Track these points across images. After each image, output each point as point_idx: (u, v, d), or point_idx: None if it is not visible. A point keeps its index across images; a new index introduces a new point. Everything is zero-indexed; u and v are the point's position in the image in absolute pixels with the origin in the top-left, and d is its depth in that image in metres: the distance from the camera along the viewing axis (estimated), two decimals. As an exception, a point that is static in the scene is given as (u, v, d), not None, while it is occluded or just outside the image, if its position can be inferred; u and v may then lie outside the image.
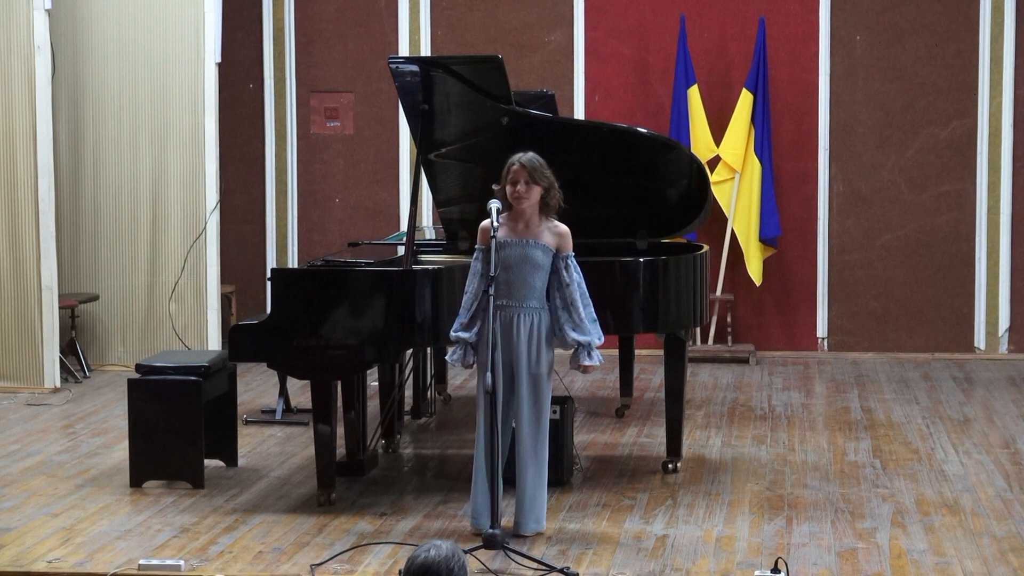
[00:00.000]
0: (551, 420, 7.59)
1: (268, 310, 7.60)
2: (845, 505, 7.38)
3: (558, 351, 6.99)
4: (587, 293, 6.82)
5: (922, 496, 7.55)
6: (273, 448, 8.66)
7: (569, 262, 6.79)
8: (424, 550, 4.20)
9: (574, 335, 6.79)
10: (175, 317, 10.91)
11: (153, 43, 10.92)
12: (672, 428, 8.04)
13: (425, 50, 12.01)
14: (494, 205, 6.85)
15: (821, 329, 11.92)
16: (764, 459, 8.38)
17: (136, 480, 7.71)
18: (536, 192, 6.77)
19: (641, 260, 7.65)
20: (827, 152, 11.83)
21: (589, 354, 6.82)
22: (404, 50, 12.02)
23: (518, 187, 6.75)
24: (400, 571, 6.25)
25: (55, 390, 10.27)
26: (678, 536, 6.86)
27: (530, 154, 6.83)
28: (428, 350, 9.36)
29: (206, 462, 7.81)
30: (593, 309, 6.83)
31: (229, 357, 7.63)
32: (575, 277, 6.79)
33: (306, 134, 12.28)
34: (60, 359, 10.42)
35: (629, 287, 7.62)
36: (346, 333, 7.20)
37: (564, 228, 6.82)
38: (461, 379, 10.81)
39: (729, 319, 11.75)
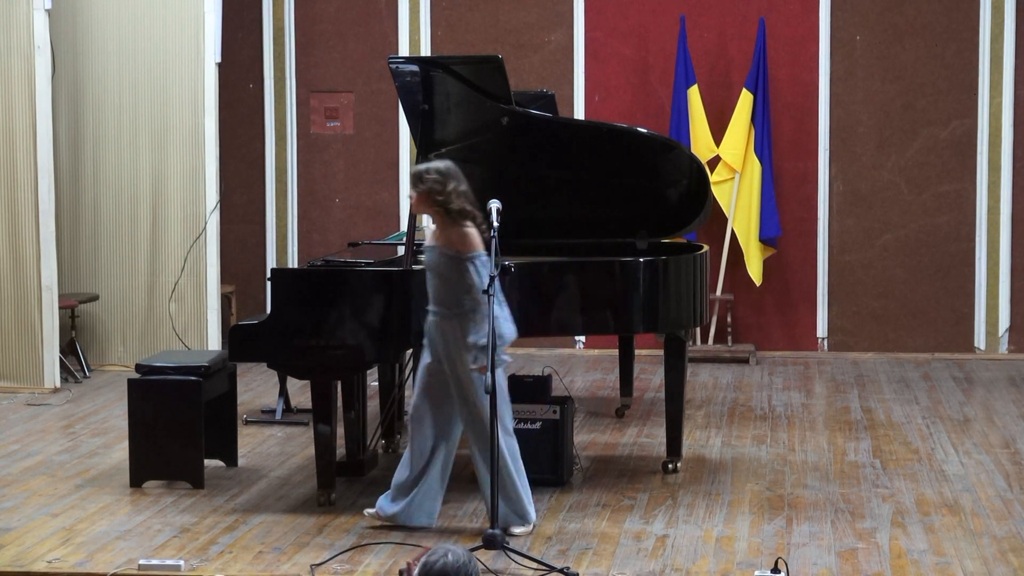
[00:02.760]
0: (551, 420, 7.65)
1: (268, 310, 7.61)
2: (845, 505, 7.38)
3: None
4: (499, 290, 6.73)
5: (922, 496, 7.55)
6: (273, 448, 8.66)
7: (474, 263, 6.71)
8: (440, 555, 4.15)
9: (470, 338, 6.74)
10: (175, 317, 10.91)
11: (153, 43, 10.91)
12: (672, 428, 8.03)
13: (425, 50, 12.01)
14: (494, 205, 6.86)
15: (821, 329, 11.92)
16: (764, 459, 8.38)
17: (136, 480, 7.71)
18: (420, 199, 6.78)
19: (641, 260, 7.65)
20: (827, 152, 11.83)
21: (476, 358, 6.72)
22: (404, 50, 12.01)
23: (410, 194, 6.86)
24: (400, 571, 6.25)
25: (55, 390, 10.27)
26: (678, 536, 6.86)
27: (429, 164, 6.84)
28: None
29: (206, 462, 7.81)
30: (507, 307, 6.76)
31: (229, 357, 7.63)
32: (477, 277, 6.70)
33: (306, 134, 12.28)
34: (60, 359, 10.42)
35: (629, 287, 7.62)
36: (346, 333, 7.20)
37: (466, 230, 6.72)
38: (461, 379, 10.80)
39: (729, 319, 11.75)
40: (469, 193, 6.80)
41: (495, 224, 6.80)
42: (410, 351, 8.78)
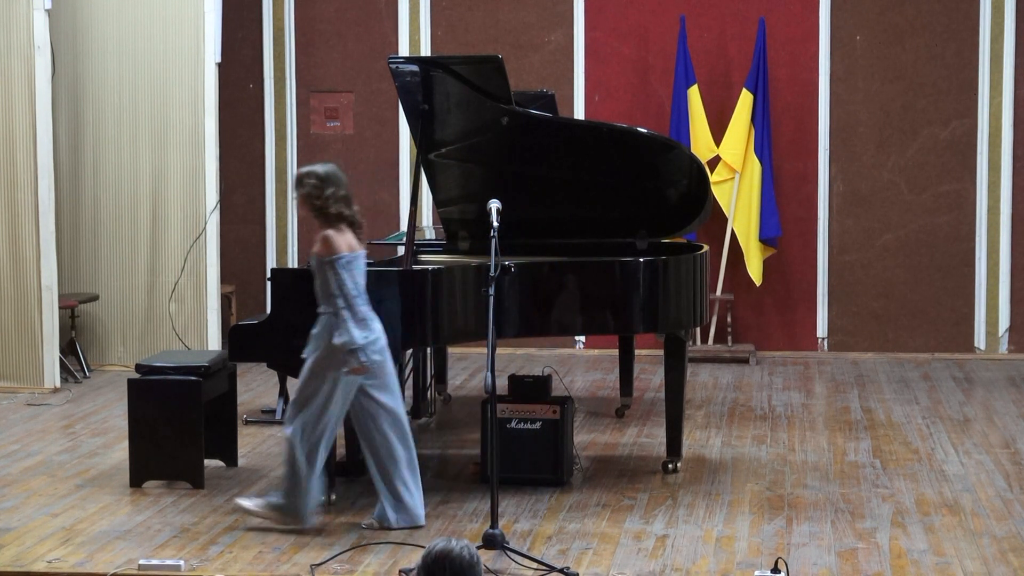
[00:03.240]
0: (551, 420, 7.65)
1: (268, 310, 7.61)
2: (845, 505, 7.38)
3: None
4: (359, 294, 6.75)
5: (922, 496, 7.55)
6: (273, 448, 8.65)
7: (333, 267, 6.74)
8: (443, 541, 4.16)
9: (335, 339, 6.75)
10: (175, 317, 10.91)
11: (153, 43, 10.91)
12: (672, 428, 8.03)
13: (425, 50, 12.01)
14: (494, 205, 6.87)
15: (821, 329, 11.92)
16: (764, 459, 8.38)
17: (136, 480, 7.71)
18: (299, 202, 6.89)
19: (641, 260, 7.65)
20: (827, 152, 11.83)
21: (346, 361, 6.75)
22: (404, 50, 12.02)
23: (293, 195, 6.93)
24: (401, 571, 6.25)
25: (55, 390, 10.27)
26: (678, 536, 6.86)
27: (312, 167, 6.92)
28: (428, 350, 9.36)
29: (206, 462, 7.81)
30: (367, 309, 6.77)
31: (229, 357, 7.63)
32: (335, 280, 6.72)
33: (306, 134, 12.28)
34: (60, 359, 10.42)
35: (629, 287, 7.62)
36: (346, 333, 7.18)
37: (325, 234, 6.77)
38: (461, 379, 10.81)
39: (729, 319, 11.75)
40: (349, 197, 6.86)
41: (495, 224, 6.80)
42: (410, 351, 8.80)
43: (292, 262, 12.23)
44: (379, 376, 6.87)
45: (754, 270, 11.62)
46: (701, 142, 11.51)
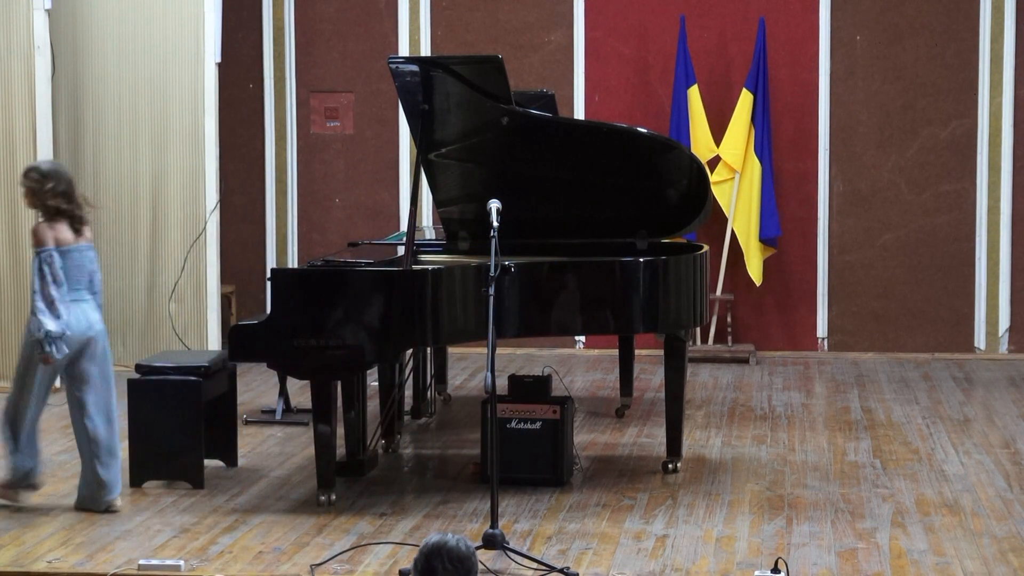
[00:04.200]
0: (551, 420, 7.66)
1: (268, 310, 7.61)
2: (845, 505, 7.38)
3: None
4: (43, 291, 6.97)
5: (922, 496, 7.55)
6: (273, 448, 8.66)
7: (36, 259, 7.03)
8: (440, 535, 4.21)
9: (32, 328, 7.11)
10: (175, 317, 10.91)
11: (153, 43, 10.91)
12: (672, 428, 8.04)
13: (425, 50, 12.01)
14: (494, 205, 6.87)
15: (821, 329, 11.92)
16: (764, 459, 8.38)
17: (136, 480, 7.71)
18: (24, 196, 7.20)
19: (641, 260, 7.65)
20: (827, 152, 11.83)
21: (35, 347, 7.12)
22: (404, 50, 12.02)
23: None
24: (401, 571, 6.26)
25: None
26: (678, 536, 6.86)
27: (37, 163, 7.43)
28: (428, 350, 9.36)
29: (206, 462, 7.81)
30: (41, 304, 6.99)
31: (229, 357, 7.63)
32: (35, 273, 7.01)
33: (306, 134, 12.28)
34: (60, 359, 10.40)
35: (629, 287, 7.62)
36: (346, 333, 7.19)
37: (34, 226, 7.11)
38: (461, 379, 10.81)
39: (729, 319, 11.75)
40: (70, 193, 7.16)
41: (495, 224, 6.80)
42: (410, 351, 8.80)
43: (292, 262, 12.23)
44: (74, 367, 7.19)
45: (754, 270, 11.62)
46: (701, 142, 11.51)
